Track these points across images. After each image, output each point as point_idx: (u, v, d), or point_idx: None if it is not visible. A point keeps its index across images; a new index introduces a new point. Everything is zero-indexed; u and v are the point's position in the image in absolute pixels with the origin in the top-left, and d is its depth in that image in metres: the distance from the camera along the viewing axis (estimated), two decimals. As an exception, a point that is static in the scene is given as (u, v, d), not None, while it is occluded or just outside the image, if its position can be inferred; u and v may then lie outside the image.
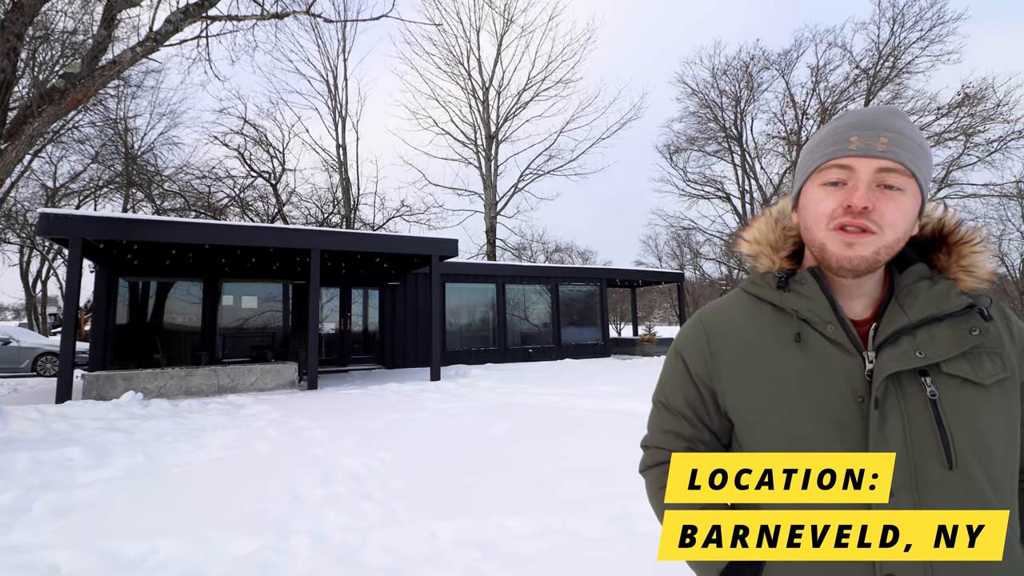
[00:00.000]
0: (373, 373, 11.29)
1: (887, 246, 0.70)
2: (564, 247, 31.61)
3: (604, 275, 15.42)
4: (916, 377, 0.69)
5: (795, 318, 0.76)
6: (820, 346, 0.74)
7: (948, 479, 0.65)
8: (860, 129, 0.72)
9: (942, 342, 0.69)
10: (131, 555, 2.54)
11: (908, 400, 0.68)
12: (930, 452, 0.66)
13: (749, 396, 0.78)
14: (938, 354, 0.68)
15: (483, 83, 21.79)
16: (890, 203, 0.70)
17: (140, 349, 10.45)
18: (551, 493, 3.32)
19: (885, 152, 0.69)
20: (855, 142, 0.71)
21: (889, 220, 0.69)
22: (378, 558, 2.50)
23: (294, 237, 8.71)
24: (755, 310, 0.82)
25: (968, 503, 0.65)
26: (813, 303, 0.75)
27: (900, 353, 0.69)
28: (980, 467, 0.66)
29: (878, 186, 0.70)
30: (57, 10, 9.15)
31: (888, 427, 0.68)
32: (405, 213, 20.70)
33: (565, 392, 7.45)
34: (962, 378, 0.68)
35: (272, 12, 8.47)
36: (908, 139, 0.70)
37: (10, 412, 5.78)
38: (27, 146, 6.43)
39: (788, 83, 20.37)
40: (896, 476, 0.67)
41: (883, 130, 0.70)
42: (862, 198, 0.69)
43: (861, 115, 0.73)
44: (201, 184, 17.95)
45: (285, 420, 5.84)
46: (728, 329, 0.83)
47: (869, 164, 0.70)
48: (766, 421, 0.76)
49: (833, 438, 0.70)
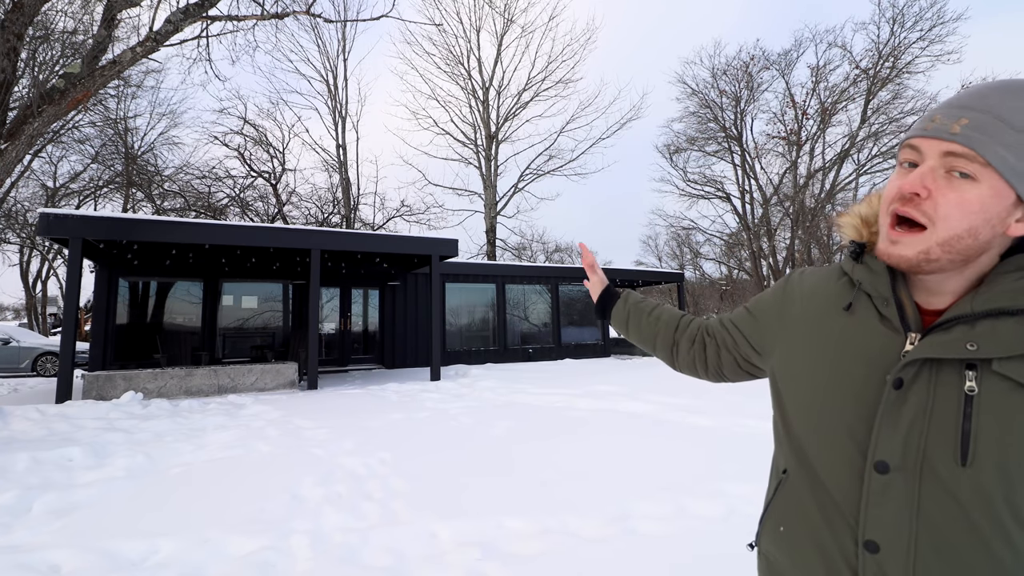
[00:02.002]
0: (373, 373, 11.29)
1: (941, 243, 0.63)
2: (564, 247, 31.64)
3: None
4: (959, 369, 0.63)
5: (857, 289, 0.76)
6: (869, 320, 0.73)
7: (958, 475, 0.61)
8: (949, 107, 0.65)
9: (1004, 338, 0.61)
10: (131, 555, 2.54)
11: (939, 390, 0.64)
12: (946, 444, 0.62)
13: (796, 353, 0.81)
14: (994, 350, 0.61)
15: (483, 83, 21.81)
16: (950, 193, 0.62)
17: (140, 349, 10.45)
18: (551, 493, 3.32)
19: (958, 135, 0.62)
20: (936, 120, 0.65)
21: (943, 212, 0.62)
22: (378, 558, 2.50)
23: (294, 237, 8.71)
24: (834, 278, 0.82)
25: (973, 506, 0.60)
26: (876, 277, 0.74)
27: (947, 341, 0.64)
28: (1000, 476, 0.59)
29: (947, 172, 0.63)
30: (57, 10, 9.16)
31: (904, 410, 0.65)
32: (405, 213, 20.74)
33: (565, 392, 7.45)
34: (1017, 382, 0.60)
35: (272, 12, 8.47)
36: (1001, 122, 0.61)
37: (10, 412, 5.78)
38: (27, 146, 6.42)
39: (788, 83, 20.39)
40: (896, 457, 0.65)
41: (972, 109, 0.63)
42: (912, 183, 0.64)
43: (964, 92, 0.67)
44: (201, 184, 17.97)
45: (285, 420, 5.84)
46: (803, 287, 0.86)
47: (936, 146, 0.64)
48: (801, 379, 0.79)
49: (849, 406, 0.70)
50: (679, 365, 1.10)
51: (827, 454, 0.72)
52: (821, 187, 20.24)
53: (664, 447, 4.39)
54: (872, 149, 18.64)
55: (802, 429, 0.77)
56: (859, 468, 0.68)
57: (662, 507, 3.04)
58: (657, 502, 3.10)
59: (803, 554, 0.75)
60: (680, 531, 2.73)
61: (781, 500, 0.80)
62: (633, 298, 1.21)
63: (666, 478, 3.54)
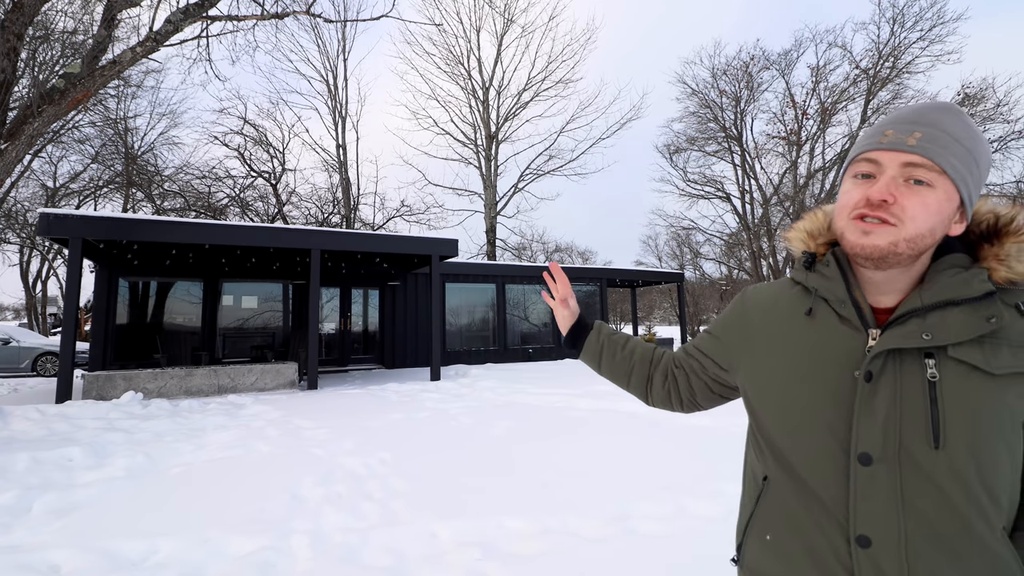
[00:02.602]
0: (373, 373, 11.29)
1: (908, 239, 0.69)
2: (564, 247, 31.65)
3: (604, 275, 15.42)
4: (919, 358, 0.69)
5: (814, 295, 0.81)
6: (830, 322, 0.77)
7: (933, 459, 0.65)
8: (898, 123, 0.72)
9: (953, 326, 0.68)
10: (131, 555, 2.54)
11: (905, 378, 0.69)
12: (919, 430, 0.67)
13: (764, 363, 0.84)
14: (946, 337, 0.68)
15: (483, 83, 21.80)
16: (914, 197, 0.69)
17: (140, 349, 10.45)
18: (551, 493, 3.32)
19: (915, 147, 0.69)
20: (889, 135, 0.71)
21: (910, 214, 0.69)
22: (378, 558, 2.50)
23: (294, 237, 8.71)
24: (788, 289, 0.87)
25: (951, 487, 0.65)
26: (831, 282, 0.79)
27: (905, 333, 0.70)
28: (971, 456, 0.65)
29: (905, 180, 0.70)
30: (57, 10, 9.16)
31: (877, 401, 0.69)
32: (405, 213, 20.73)
33: (565, 392, 7.46)
34: (970, 365, 0.67)
35: (272, 12, 8.47)
36: (945, 135, 0.69)
37: (10, 412, 5.78)
38: (27, 146, 6.42)
39: (788, 83, 20.37)
40: (877, 448, 0.68)
41: (921, 124, 0.70)
42: (880, 191, 0.70)
43: (906, 109, 0.74)
44: (201, 184, 17.96)
45: (285, 420, 5.84)
46: (760, 301, 0.90)
47: (895, 158, 0.70)
48: (773, 386, 0.81)
49: (827, 406, 0.73)
50: (653, 400, 1.09)
51: (810, 454, 0.74)
52: (821, 187, 20.23)
53: (664, 447, 4.39)
54: (872, 149, 18.64)
55: (781, 433, 0.79)
56: (843, 464, 0.71)
57: (662, 507, 3.04)
58: (657, 502, 3.10)
59: (794, 560, 0.75)
60: (680, 531, 2.73)
61: (765, 508, 0.80)
62: (606, 330, 1.17)
63: (666, 478, 3.54)
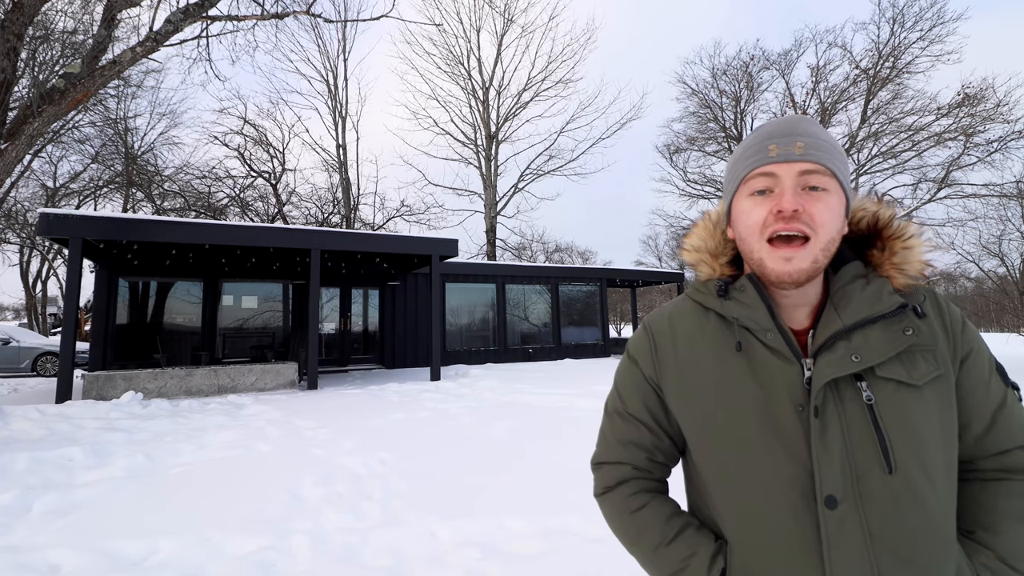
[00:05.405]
0: (373, 373, 11.29)
1: (823, 249, 0.70)
2: (564, 247, 31.67)
3: (604, 275, 15.42)
4: (852, 382, 0.68)
5: (736, 326, 0.75)
6: (761, 355, 0.73)
7: (890, 484, 0.65)
8: (777, 137, 0.73)
9: (876, 345, 0.69)
10: (131, 555, 2.54)
11: (846, 406, 0.68)
12: (871, 458, 0.66)
13: (695, 406, 0.77)
14: (873, 357, 0.68)
15: (483, 83, 21.80)
16: (818, 203, 0.70)
17: (140, 349, 10.45)
18: (551, 493, 3.32)
19: (804, 155, 0.71)
20: (774, 149, 0.72)
21: (820, 220, 0.70)
22: (378, 558, 2.50)
23: (294, 237, 8.71)
24: (701, 318, 0.80)
25: (910, 507, 0.65)
26: (752, 311, 0.74)
27: (836, 359, 0.69)
28: (920, 469, 0.65)
29: (803, 188, 0.71)
30: (57, 10, 9.16)
31: (829, 436, 0.67)
32: (405, 213, 20.73)
33: (565, 392, 7.45)
34: (896, 380, 0.67)
35: (272, 12, 8.47)
36: (823, 141, 0.72)
37: (10, 412, 5.77)
38: (27, 146, 6.42)
39: (788, 83, 20.34)
40: (839, 487, 0.65)
41: (798, 135, 0.72)
42: (790, 201, 0.70)
43: (776, 124, 0.75)
44: (201, 184, 17.96)
45: (285, 420, 5.84)
46: (673, 335, 0.82)
47: (791, 168, 0.71)
48: (712, 431, 0.75)
49: (777, 449, 0.69)
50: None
51: (772, 508, 0.69)
52: (821, 187, 20.22)
53: (664, 447, 4.38)
54: (872, 149, 18.60)
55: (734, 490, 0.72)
56: (811, 511, 0.66)
57: (662, 507, 3.03)
58: (657, 502, 3.09)
59: None
60: (680, 531, 2.72)
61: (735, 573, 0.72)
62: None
63: (666, 478, 3.53)
